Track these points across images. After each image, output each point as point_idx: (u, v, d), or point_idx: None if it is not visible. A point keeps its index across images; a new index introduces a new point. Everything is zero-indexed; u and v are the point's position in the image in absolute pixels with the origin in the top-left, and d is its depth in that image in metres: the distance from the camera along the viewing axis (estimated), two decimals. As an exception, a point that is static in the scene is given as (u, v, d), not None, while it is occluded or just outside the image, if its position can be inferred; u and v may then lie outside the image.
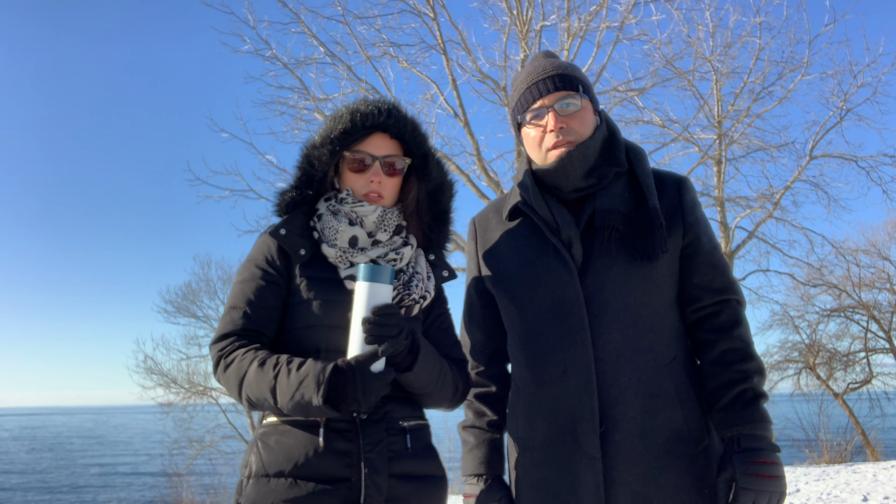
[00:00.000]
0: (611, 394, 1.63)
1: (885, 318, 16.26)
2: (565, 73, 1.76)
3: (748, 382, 1.64)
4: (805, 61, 11.98)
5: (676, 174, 1.82)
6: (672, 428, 1.63)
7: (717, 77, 12.36)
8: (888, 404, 16.07)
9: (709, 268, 1.73)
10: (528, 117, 1.77)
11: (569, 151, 1.71)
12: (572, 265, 1.68)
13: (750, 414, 1.61)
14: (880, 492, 7.88)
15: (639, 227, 1.68)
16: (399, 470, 1.68)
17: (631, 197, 1.72)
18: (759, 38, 11.87)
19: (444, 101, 10.86)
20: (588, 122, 1.76)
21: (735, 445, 1.59)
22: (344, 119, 1.79)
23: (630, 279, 1.67)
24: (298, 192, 1.84)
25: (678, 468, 1.61)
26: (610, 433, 1.62)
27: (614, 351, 1.64)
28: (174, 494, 15.70)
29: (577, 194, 1.75)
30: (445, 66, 10.84)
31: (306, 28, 10.76)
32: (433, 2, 10.66)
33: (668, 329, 1.70)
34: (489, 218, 1.94)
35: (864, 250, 16.61)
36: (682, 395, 1.65)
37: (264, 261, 1.78)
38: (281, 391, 1.58)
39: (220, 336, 1.73)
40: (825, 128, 13.00)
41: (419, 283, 1.80)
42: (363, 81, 10.83)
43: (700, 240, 1.74)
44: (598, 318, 1.65)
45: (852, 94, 12.53)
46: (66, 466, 30.75)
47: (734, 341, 1.68)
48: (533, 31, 10.74)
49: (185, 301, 18.66)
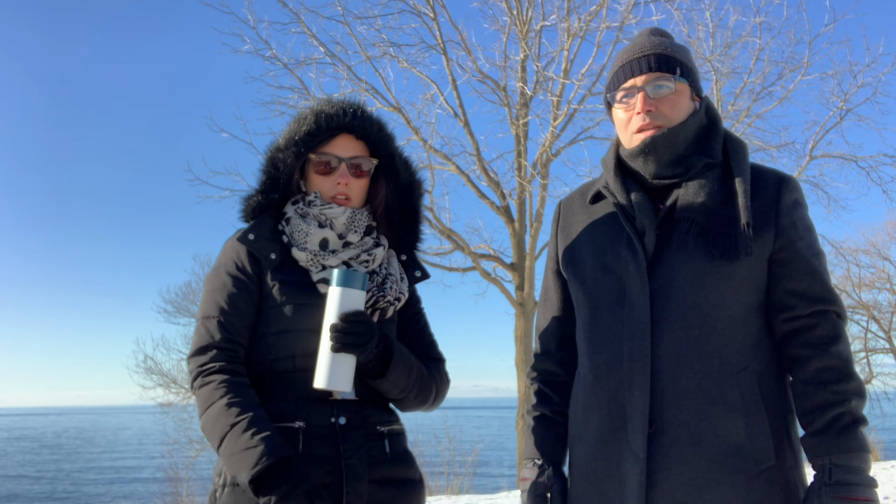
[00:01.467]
0: (665, 394, 1.54)
1: (885, 318, 16.28)
2: (663, 52, 1.67)
3: (846, 406, 1.49)
4: (805, 61, 11.99)
5: (780, 172, 1.67)
6: (731, 441, 1.50)
7: (717, 77, 12.36)
8: (888, 404, 16.09)
9: (805, 274, 1.58)
10: (619, 96, 1.70)
11: (654, 136, 1.63)
12: (641, 255, 1.60)
13: (846, 442, 1.47)
14: (880, 492, 7.87)
15: (723, 224, 1.56)
16: (379, 475, 1.67)
17: (721, 191, 1.60)
18: (759, 38, 11.87)
19: (444, 101, 10.86)
20: (681, 108, 1.67)
21: (826, 476, 1.46)
22: (308, 121, 1.77)
23: (705, 277, 1.55)
24: (264, 197, 1.81)
25: (731, 485, 1.49)
26: (658, 435, 1.53)
27: (676, 350, 1.54)
28: (174, 495, 15.70)
29: (661, 182, 1.66)
30: (445, 66, 10.85)
31: (306, 28, 10.76)
32: (433, 2, 10.67)
33: (743, 336, 1.56)
34: (574, 200, 1.86)
35: (864, 250, 16.66)
36: (750, 408, 1.51)
37: (234, 267, 1.75)
38: (225, 449, 1.56)
39: (198, 349, 1.70)
40: (825, 128, 13.01)
41: (393, 285, 1.78)
42: (363, 81, 10.83)
43: (795, 244, 1.59)
44: (663, 313, 1.56)
45: (852, 94, 12.53)
46: (65, 467, 30.74)
47: (832, 359, 1.53)
48: (533, 31, 10.74)
49: (184, 301, 18.66)
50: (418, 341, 1.88)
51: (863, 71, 12.31)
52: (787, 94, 12.32)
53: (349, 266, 1.75)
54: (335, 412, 1.67)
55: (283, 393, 1.68)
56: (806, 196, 1.72)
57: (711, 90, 12.68)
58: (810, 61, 11.99)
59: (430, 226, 11.29)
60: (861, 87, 12.45)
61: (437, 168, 11.49)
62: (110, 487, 22.82)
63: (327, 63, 10.97)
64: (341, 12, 10.65)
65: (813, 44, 12.44)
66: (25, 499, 21.20)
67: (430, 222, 11.30)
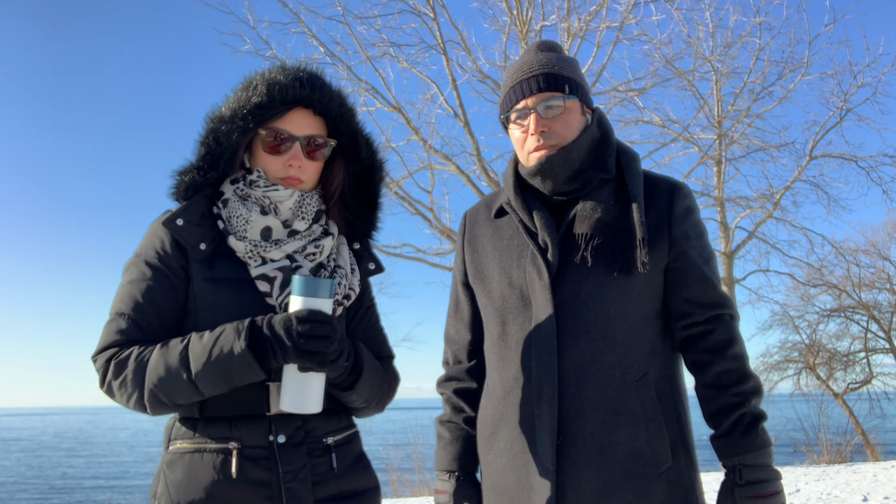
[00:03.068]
0: (572, 407, 1.58)
1: (885, 318, 16.26)
2: (551, 72, 1.68)
3: (746, 406, 1.59)
4: (805, 61, 11.99)
5: (671, 180, 1.73)
6: (633, 447, 1.57)
7: (717, 77, 12.36)
8: (888, 404, 16.07)
9: (699, 282, 1.65)
10: (513, 117, 1.71)
11: (549, 156, 1.66)
12: (545, 271, 1.63)
13: (749, 442, 1.57)
14: (880, 492, 7.88)
15: (619, 239, 1.61)
16: (326, 493, 1.52)
17: (616, 205, 1.65)
18: (759, 38, 11.87)
19: (444, 101, 10.87)
20: (572, 125, 1.69)
21: (737, 477, 1.56)
22: (259, 90, 1.52)
23: (605, 290, 1.60)
24: (201, 174, 1.55)
25: (634, 489, 1.55)
26: (567, 447, 1.57)
27: (580, 363, 1.58)
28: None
29: (560, 198, 1.70)
30: (445, 66, 10.85)
31: (306, 28, 10.77)
32: (433, 2, 10.67)
33: (641, 345, 1.62)
34: (479, 213, 1.87)
35: (864, 250, 16.63)
36: (648, 414, 1.58)
37: (156, 257, 1.51)
38: (194, 355, 1.39)
39: (102, 348, 1.48)
40: (825, 128, 13.01)
41: (342, 280, 1.58)
42: (363, 81, 10.83)
43: (688, 253, 1.65)
44: (568, 327, 1.60)
45: (852, 94, 12.54)
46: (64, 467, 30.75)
47: (729, 362, 1.62)
48: (533, 31, 10.74)
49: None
50: (372, 337, 1.72)
51: (863, 71, 12.33)
52: (787, 94, 12.33)
53: (293, 260, 1.55)
54: (273, 429, 1.48)
55: (212, 409, 1.48)
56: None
57: (711, 90, 12.69)
58: (810, 61, 12.01)
59: (431, 225, 11.30)
60: (861, 87, 12.47)
61: (437, 168, 11.50)
62: (108, 487, 22.82)
63: (327, 63, 10.97)
64: (341, 12, 10.67)
65: (813, 44, 12.45)
66: (25, 498, 21.20)
67: (429, 222, 11.30)
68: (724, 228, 13.34)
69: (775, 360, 16.70)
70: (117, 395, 1.46)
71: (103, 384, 1.47)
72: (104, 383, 1.47)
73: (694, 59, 11.75)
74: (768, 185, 13.55)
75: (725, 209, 13.46)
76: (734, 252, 13.36)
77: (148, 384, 1.41)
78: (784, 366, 16.69)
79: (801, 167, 13.11)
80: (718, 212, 13.37)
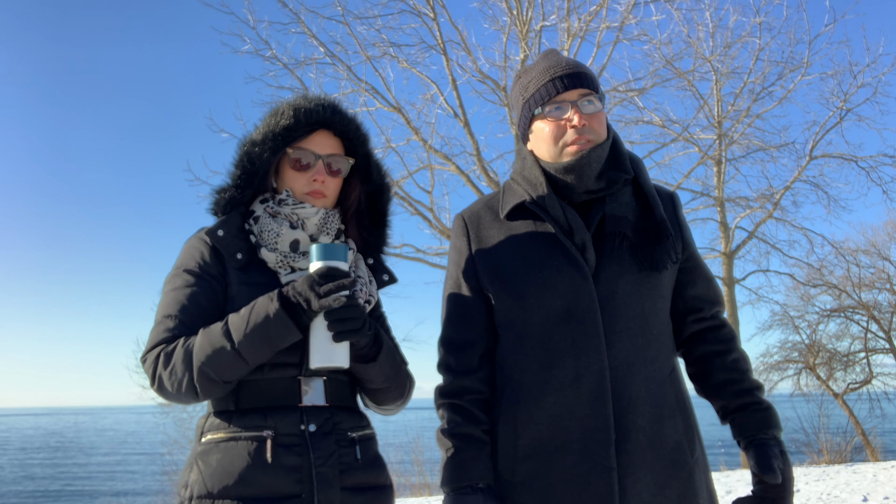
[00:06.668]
0: (622, 403, 1.61)
1: (885, 319, 16.26)
2: (587, 72, 1.74)
3: (761, 391, 1.74)
4: (805, 61, 12.01)
5: (668, 188, 1.85)
6: (675, 438, 1.64)
7: (717, 77, 12.37)
8: (888, 404, 16.07)
9: (705, 281, 1.80)
10: (549, 109, 1.71)
11: (589, 150, 1.68)
12: (587, 270, 1.65)
13: (776, 418, 1.70)
14: (880, 492, 7.88)
15: (647, 237, 1.69)
16: (351, 482, 1.63)
17: (638, 206, 1.73)
18: (759, 38, 11.89)
19: (444, 101, 10.88)
20: (605, 126, 1.75)
21: (782, 446, 1.67)
22: (286, 115, 1.73)
23: (640, 288, 1.66)
24: (238, 192, 1.75)
25: (681, 478, 1.63)
26: (621, 443, 1.60)
27: (626, 360, 1.63)
28: (172, 494, 15.70)
29: (586, 197, 1.72)
30: (445, 66, 10.86)
31: (306, 28, 10.78)
32: (433, 2, 10.68)
33: (669, 340, 1.73)
34: (481, 215, 1.83)
35: (864, 250, 16.62)
36: (682, 406, 1.69)
37: (197, 266, 1.68)
38: (234, 327, 1.54)
39: (151, 347, 1.62)
40: (825, 128, 13.03)
41: (363, 288, 1.74)
42: (363, 81, 10.84)
43: (695, 254, 1.81)
44: (611, 325, 1.63)
45: (852, 94, 12.57)
46: (63, 467, 30.75)
47: (740, 351, 1.78)
48: (533, 31, 10.75)
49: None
50: None
51: (863, 71, 12.35)
52: (787, 94, 12.34)
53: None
54: (304, 419, 1.62)
55: (247, 401, 1.63)
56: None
57: (711, 90, 12.69)
58: (810, 61, 12.03)
59: (430, 226, 11.31)
60: (861, 87, 12.50)
61: (437, 168, 11.52)
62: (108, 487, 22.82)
63: (327, 63, 11.00)
64: (341, 12, 10.69)
65: (813, 44, 12.48)
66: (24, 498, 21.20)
67: (429, 222, 11.31)
68: (724, 228, 13.35)
69: (775, 361, 16.70)
70: (167, 384, 1.57)
71: (154, 380, 1.59)
72: (154, 378, 1.59)
73: (694, 59, 11.77)
74: (768, 186, 13.59)
75: (725, 209, 13.47)
76: (734, 252, 13.37)
77: (196, 363, 1.55)
78: (784, 366, 16.68)
79: (801, 167, 13.13)
80: (718, 212, 13.38)
